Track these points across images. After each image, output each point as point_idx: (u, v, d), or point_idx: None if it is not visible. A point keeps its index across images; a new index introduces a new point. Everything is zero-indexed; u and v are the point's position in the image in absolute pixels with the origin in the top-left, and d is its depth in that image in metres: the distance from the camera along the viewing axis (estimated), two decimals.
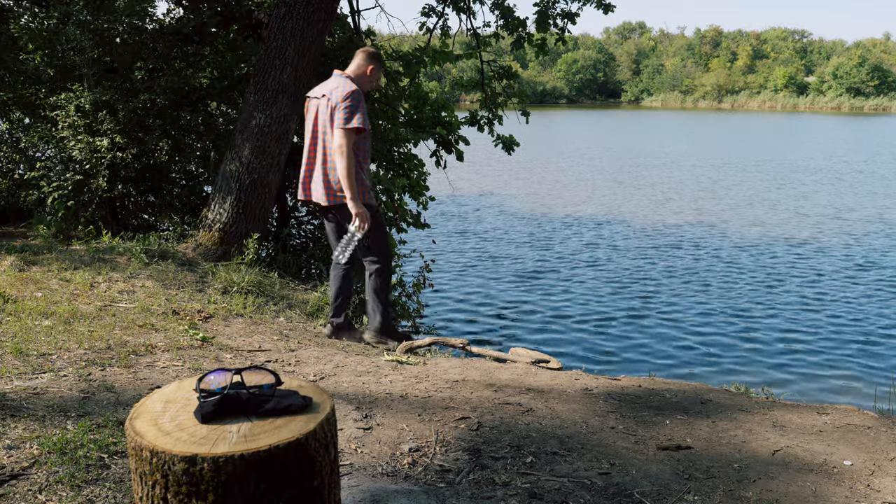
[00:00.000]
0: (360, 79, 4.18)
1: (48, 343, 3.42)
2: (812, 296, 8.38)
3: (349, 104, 3.96)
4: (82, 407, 2.66)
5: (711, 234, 12.14)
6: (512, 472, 2.42)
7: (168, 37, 6.97)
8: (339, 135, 3.96)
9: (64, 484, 2.08)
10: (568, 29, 8.86)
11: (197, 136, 7.26)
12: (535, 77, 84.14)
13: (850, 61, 73.75)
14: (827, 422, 3.05)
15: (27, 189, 7.10)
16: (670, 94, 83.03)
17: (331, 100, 4.04)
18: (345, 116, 3.95)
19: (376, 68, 4.25)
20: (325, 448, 1.39)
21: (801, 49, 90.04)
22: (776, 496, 2.31)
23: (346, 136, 3.95)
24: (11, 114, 7.41)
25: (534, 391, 3.34)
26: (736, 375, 5.94)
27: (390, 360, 3.85)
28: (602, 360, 6.31)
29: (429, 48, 8.47)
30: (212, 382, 1.43)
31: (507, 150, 8.67)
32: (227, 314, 4.47)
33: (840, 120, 52.38)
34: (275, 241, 7.08)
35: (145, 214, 7.54)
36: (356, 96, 4.00)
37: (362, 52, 4.27)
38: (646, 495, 2.29)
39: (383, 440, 2.64)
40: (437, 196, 10.27)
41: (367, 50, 4.29)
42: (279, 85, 5.93)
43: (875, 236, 11.88)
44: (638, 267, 9.83)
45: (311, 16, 5.92)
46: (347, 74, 4.16)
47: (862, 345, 6.75)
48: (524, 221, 13.39)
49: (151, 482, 1.29)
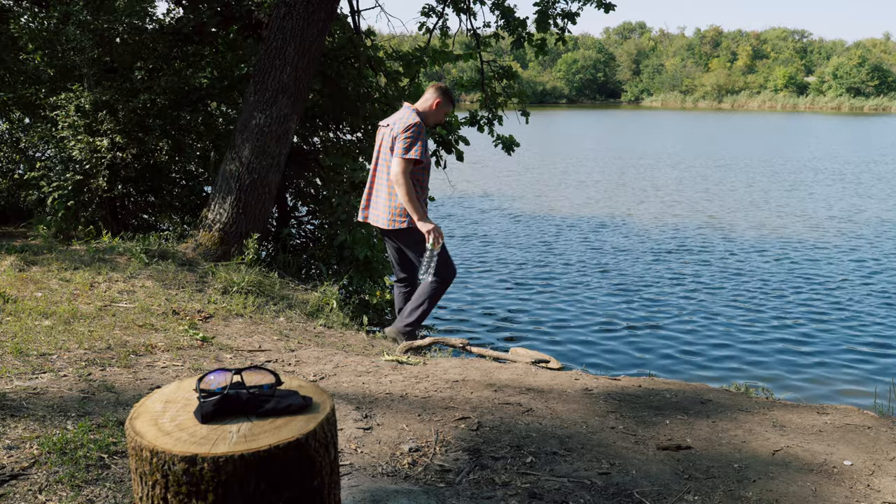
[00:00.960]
0: (425, 112, 4.40)
1: (48, 343, 3.42)
2: (812, 296, 8.38)
3: (409, 135, 4.16)
4: (82, 407, 2.66)
5: (712, 234, 12.15)
6: (512, 472, 2.42)
7: (168, 37, 6.97)
8: (397, 163, 4.15)
9: (64, 484, 2.08)
10: (568, 29, 8.86)
11: (197, 136, 7.26)
12: (535, 77, 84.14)
13: (850, 61, 73.75)
14: (827, 422, 3.05)
15: (27, 189, 7.10)
16: (670, 94, 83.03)
17: (393, 129, 4.23)
18: (404, 147, 4.15)
19: (443, 103, 4.43)
20: (325, 448, 1.39)
21: (801, 49, 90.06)
22: (776, 496, 2.31)
23: (403, 164, 4.14)
24: (11, 114, 7.41)
25: (534, 391, 3.34)
26: (736, 375, 5.94)
27: (390, 359, 3.85)
28: (602, 360, 6.31)
29: (429, 48, 8.47)
30: (212, 382, 1.43)
31: (507, 151, 8.67)
32: (227, 314, 4.47)
33: (841, 120, 52.40)
34: (275, 241, 7.08)
35: (145, 214, 7.55)
36: (417, 129, 4.19)
37: (432, 86, 4.50)
38: (646, 495, 2.29)
39: (383, 440, 2.64)
40: (437, 196, 10.27)
41: (438, 85, 4.51)
42: (279, 85, 5.93)
43: (877, 237, 11.88)
44: (638, 267, 9.84)
45: (311, 16, 5.93)
46: (415, 107, 4.38)
47: (862, 345, 6.75)
48: (524, 221, 13.39)
49: (151, 482, 1.29)
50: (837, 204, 15.34)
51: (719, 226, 12.88)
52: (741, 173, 20.58)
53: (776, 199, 15.96)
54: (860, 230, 12.42)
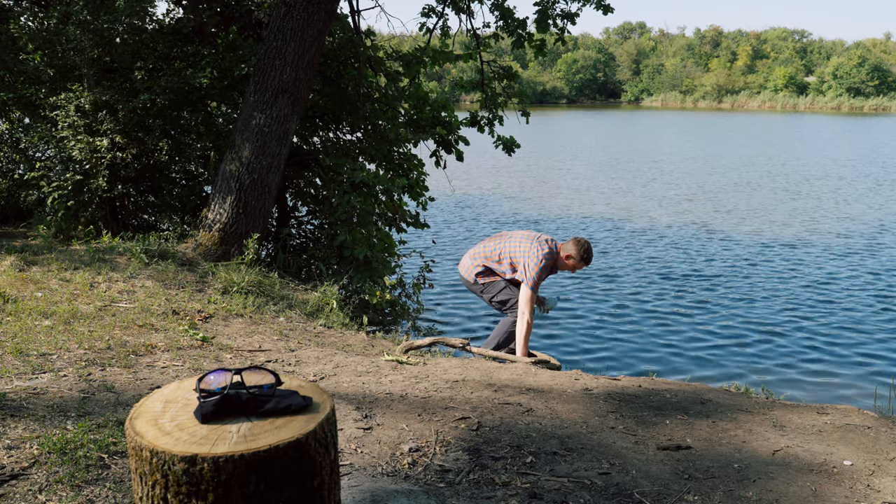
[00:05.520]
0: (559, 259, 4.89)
1: (48, 343, 3.42)
2: (812, 296, 8.38)
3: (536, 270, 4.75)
4: (82, 407, 2.66)
5: (711, 234, 12.14)
6: (512, 472, 2.42)
7: (168, 37, 6.97)
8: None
9: (64, 484, 2.08)
10: (568, 29, 8.85)
11: (197, 136, 7.26)
12: (535, 77, 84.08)
13: (850, 61, 73.71)
14: (827, 422, 3.05)
15: (27, 189, 7.10)
16: (670, 94, 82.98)
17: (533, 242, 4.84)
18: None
19: (575, 262, 4.86)
20: (325, 448, 1.39)
21: (801, 49, 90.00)
22: (776, 496, 2.31)
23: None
24: (11, 114, 7.41)
25: (534, 391, 3.34)
26: (736, 375, 5.94)
27: (390, 359, 3.85)
28: (602, 360, 6.31)
29: (429, 48, 8.46)
30: (212, 382, 1.43)
31: (508, 151, 8.66)
32: (227, 314, 4.47)
33: (841, 120, 52.39)
34: (275, 241, 7.08)
35: (145, 214, 7.54)
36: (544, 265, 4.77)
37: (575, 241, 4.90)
38: (646, 495, 2.29)
39: (383, 440, 2.64)
40: (437, 196, 10.27)
41: (581, 240, 4.90)
42: (279, 85, 5.93)
43: (878, 237, 11.88)
44: (638, 267, 9.83)
45: (311, 16, 5.92)
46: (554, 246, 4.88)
47: (862, 345, 6.75)
48: (524, 221, 13.39)
49: (151, 482, 1.29)
50: (839, 204, 15.34)
51: (719, 225, 12.88)
52: (736, 174, 20.58)
53: (776, 200, 15.97)
54: (865, 231, 12.42)
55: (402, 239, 8.26)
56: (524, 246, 4.80)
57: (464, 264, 5.11)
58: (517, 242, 4.87)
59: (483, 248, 5.04)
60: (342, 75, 7.20)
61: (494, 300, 4.98)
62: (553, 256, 4.80)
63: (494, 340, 4.94)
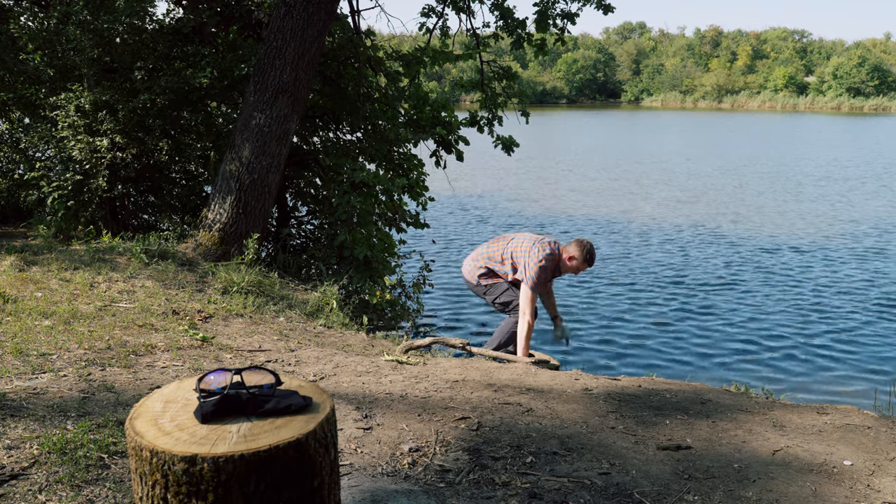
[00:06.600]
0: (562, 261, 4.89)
1: (48, 343, 3.42)
2: (812, 296, 8.38)
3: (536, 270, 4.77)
4: (82, 407, 2.66)
5: (711, 234, 12.14)
6: (512, 472, 2.42)
7: (168, 37, 6.97)
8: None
9: (64, 484, 2.08)
10: (567, 29, 8.85)
11: (197, 136, 7.26)
12: (535, 77, 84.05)
13: (850, 61, 73.69)
14: (827, 422, 3.05)
15: (27, 189, 7.10)
16: (670, 94, 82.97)
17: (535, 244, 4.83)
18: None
19: (578, 263, 4.86)
20: (325, 448, 1.39)
21: (801, 49, 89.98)
22: (776, 496, 2.31)
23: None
24: (11, 114, 7.40)
25: (534, 391, 3.34)
26: (736, 375, 5.93)
27: (390, 359, 3.85)
28: (602, 360, 6.31)
29: (428, 48, 8.46)
30: (212, 382, 1.43)
31: (507, 151, 8.66)
32: (227, 314, 4.47)
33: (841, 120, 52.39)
34: (275, 241, 7.08)
35: (145, 214, 7.54)
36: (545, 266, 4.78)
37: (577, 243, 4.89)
38: (646, 495, 2.29)
39: (383, 440, 2.64)
40: (437, 196, 10.27)
41: (583, 241, 4.89)
42: (279, 85, 5.93)
43: (879, 238, 11.88)
44: (637, 266, 9.83)
45: (311, 16, 5.92)
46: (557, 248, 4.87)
47: (862, 345, 6.75)
48: (524, 221, 13.39)
49: (151, 482, 1.29)
50: (840, 205, 15.34)
51: (719, 226, 12.88)
52: (736, 174, 20.58)
53: (777, 200, 15.96)
54: (866, 232, 12.42)
55: (402, 239, 8.26)
56: (525, 246, 4.82)
57: (467, 266, 5.15)
58: (519, 243, 4.90)
59: (486, 249, 5.07)
60: (342, 75, 7.20)
61: (497, 301, 4.99)
62: (554, 258, 4.81)
63: (496, 341, 4.95)
